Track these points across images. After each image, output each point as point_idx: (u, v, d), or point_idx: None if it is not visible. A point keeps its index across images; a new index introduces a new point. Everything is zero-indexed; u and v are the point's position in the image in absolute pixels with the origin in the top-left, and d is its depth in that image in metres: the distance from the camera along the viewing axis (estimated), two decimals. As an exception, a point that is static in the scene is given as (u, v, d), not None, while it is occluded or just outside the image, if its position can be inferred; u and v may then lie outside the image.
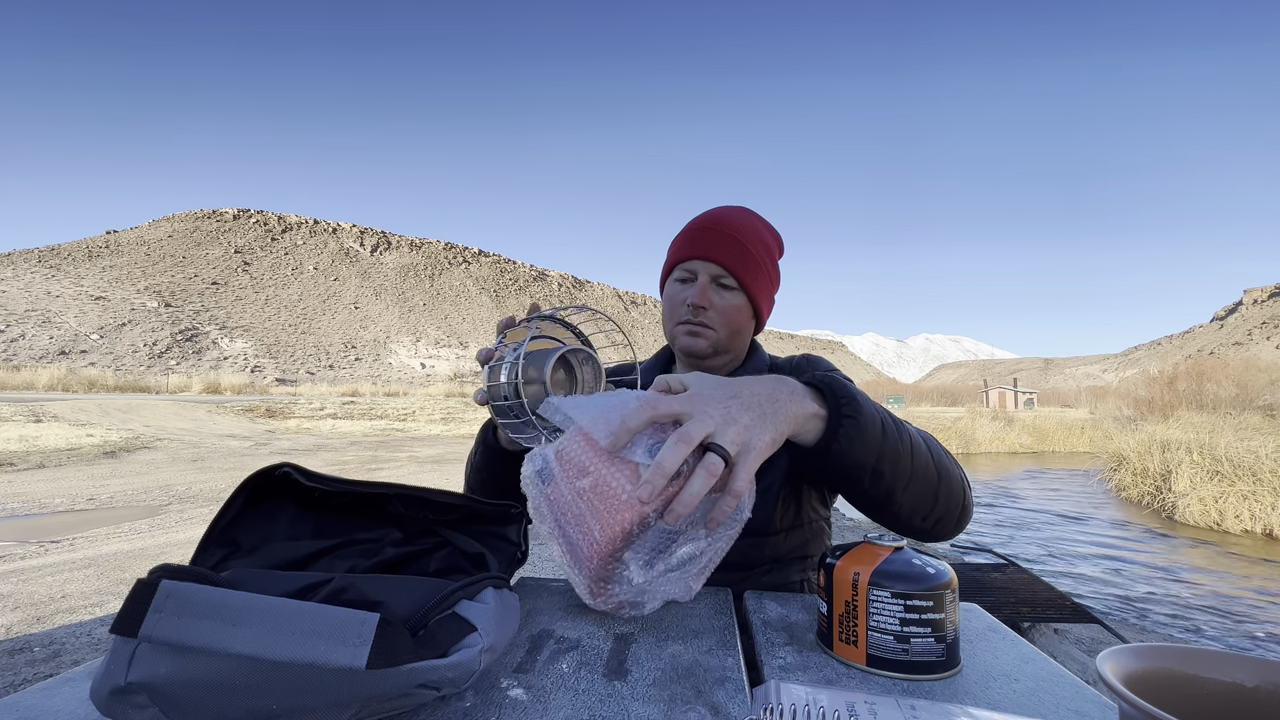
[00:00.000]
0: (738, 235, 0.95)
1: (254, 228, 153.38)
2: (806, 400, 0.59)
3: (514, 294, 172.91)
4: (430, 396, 41.63)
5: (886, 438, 0.62)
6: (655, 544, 0.55)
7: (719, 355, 0.99)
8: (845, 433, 0.59)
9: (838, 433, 0.59)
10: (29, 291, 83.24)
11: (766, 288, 0.99)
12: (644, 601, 0.60)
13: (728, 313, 0.95)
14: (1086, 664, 2.89)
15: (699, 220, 0.99)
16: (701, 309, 0.94)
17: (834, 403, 0.60)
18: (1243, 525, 6.71)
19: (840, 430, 0.59)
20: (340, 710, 0.40)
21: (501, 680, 0.51)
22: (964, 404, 52.07)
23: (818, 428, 0.60)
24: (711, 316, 0.95)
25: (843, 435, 0.59)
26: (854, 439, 0.59)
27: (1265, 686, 0.37)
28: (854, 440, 0.59)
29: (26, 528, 5.13)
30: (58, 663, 2.63)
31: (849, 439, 0.59)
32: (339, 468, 9.74)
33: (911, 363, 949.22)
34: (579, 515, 0.54)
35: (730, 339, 0.97)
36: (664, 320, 1.02)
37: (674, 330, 0.98)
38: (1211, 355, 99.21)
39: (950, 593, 0.53)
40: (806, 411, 0.59)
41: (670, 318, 0.99)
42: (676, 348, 1.00)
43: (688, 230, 0.99)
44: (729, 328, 0.96)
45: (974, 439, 17.82)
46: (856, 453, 0.60)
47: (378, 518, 0.63)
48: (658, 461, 0.49)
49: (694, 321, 0.95)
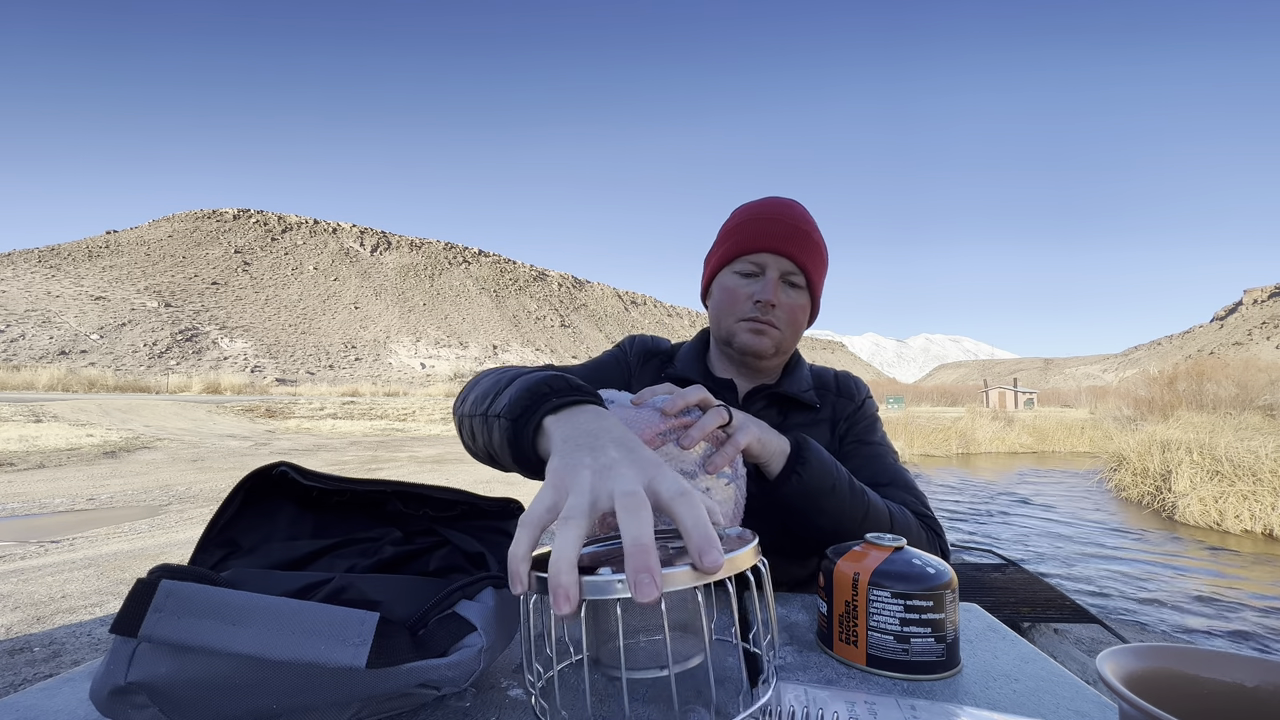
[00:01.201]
0: (807, 230, 0.90)
1: (254, 228, 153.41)
2: (782, 440, 0.75)
3: (514, 294, 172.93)
4: (430, 396, 41.65)
5: (833, 497, 0.74)
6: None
7: (778, 356, 0.94)
8: (791, 485, 0.73)
9: (789, 478, 0.72)
10: (29, 291, 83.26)
11: (822, 287, 0.96)
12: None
13: (793, 312, 0.91)
14: (1086, 664, 2.89)
15: (766, 209, 0.92)
16: (771, 307, 0.89)
17: (795, 454, 0.74)
18: (1243, 525, 6.71)
19: (791, 477, 0.73)
20: (340, 710, 0.40)
21: (501, 680, 0.51)
22: (964, 404, 52.10)
23: (778, 466, 0.73)
24: (779, 315, 0.90)
25: (793, 481, 0.73)
26: (798, 490, 0.73)
27: (1265, 686, 0.37)
28: (799, 491, 0.73)
29: (26, 528, 5.13)
30: (58, 663, 2.63)
31: (794, 488, 0.73)
32: (339, 468, 9.74)
33: (911, 363, 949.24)
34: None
35: (792, 340, 0.93)
36: (718, 313, 0.94)
37: (734, 326, 0.91)
38: (1211, 355, 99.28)
39: (950, 593, 0.53)
40: (779, 448, 0.74)
41: (730, 312, 0.91)
42: (734, 344, 0.92)
43: (754, 220, 0.91)
44: (793, 328, 0.92)
45: (974, 439, 17.82)
46: (802, 501, 0.73)
47: (377, 517, 0.63)
48: (682, 391, 0.65)
49: (761, 319, 0.89)
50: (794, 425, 0.94)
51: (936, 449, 16.71)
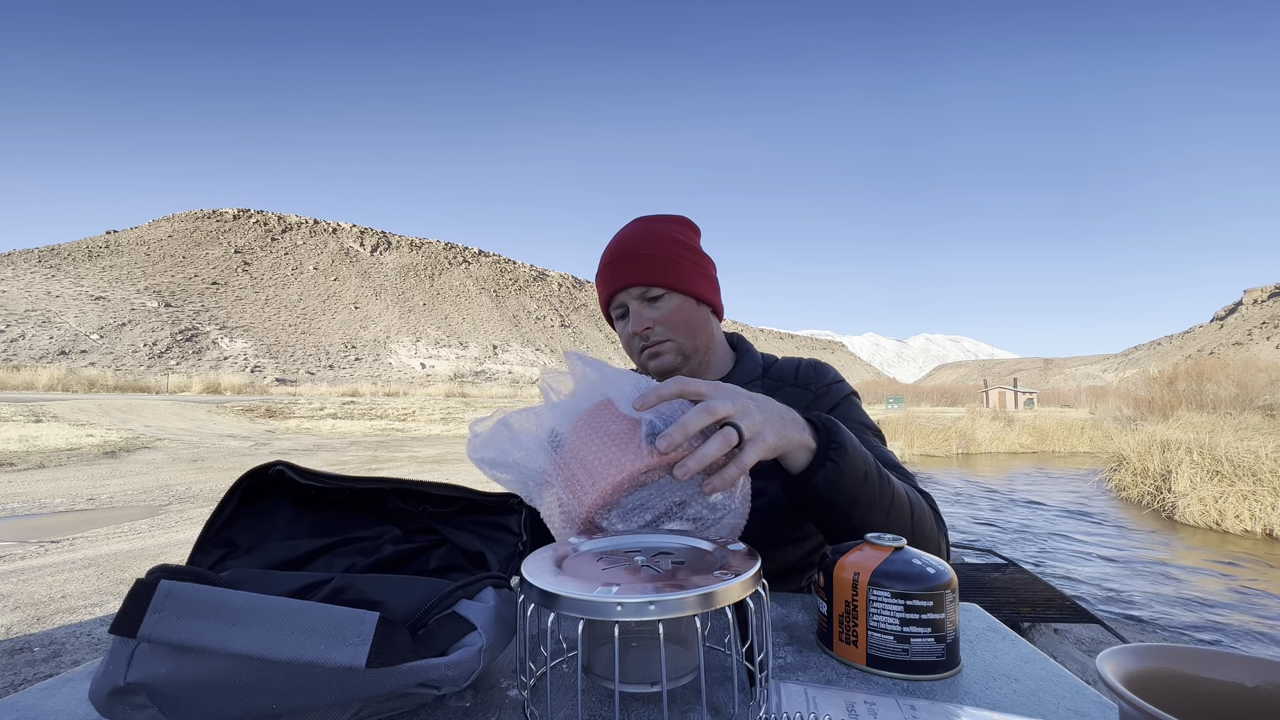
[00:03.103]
0: (638, 250, 0.95)
1: (254, 228, 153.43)
2: (804, 431, 0.65)
3: (514, 294, 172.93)
4: (430, 396, 41.65)
5: (865, 487, 0.67)
6: (644, 506, 0.58)
7: (690, 359, 0.97)
8: (825, 473, 0.65)
9: (819, 470, 0.65)
10: (29, 291, 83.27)
11: (697, 276, 0.97)
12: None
13: (670, 317, 0.95)
14: (1086, 664, 2.89)
15: (605, 257, 0.99)
16: (648, 330, 0.94)
17: (824, 442, 0.66)
18: (1243, 525, 6.71)
19: (822, 469, 0.65)
20: (340, 710, 0.40)
21: (501, 680, 0.51)
22: (964, 404, 52.10)
23: (804, 459, 0.65)
24: (659, 331, 0.95)
25: (823, 474, 0.65)
26: (833, 480, 0.65)
27: (1265, 686, 0.37)
28: (832, 481, 0.65)
29: (26, 528, 5.13)
30: (58, 663, 2.63)
31: (828, 479, 0.65)
32: (339, 468, 9.74)
33: (911, 363, 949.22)
34: (585, 460, 0.56)
35: (689, 338, 0.96)
36: (631, 358, 1.02)
37: (641, 362, 0.99)
38: (1211, 355, 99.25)
39: (950, 593, 0.53)
40: (801, 440, 0.64)
41: (633, 355, 1.00)
42: (651, 374, 0.98)
43: (602, 267, 0.99)
44: (681, 329, 0.95)
45: (974, 439, 17.82)
46: (832, 493, 0.66)
47: (376, 515, 0.62)
48: (682, 421, 0.54)
49: (649, 345, 0.95)
50: None
51: (936, 449, 16.72)
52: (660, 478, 0.57)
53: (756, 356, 1.05)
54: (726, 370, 1.03)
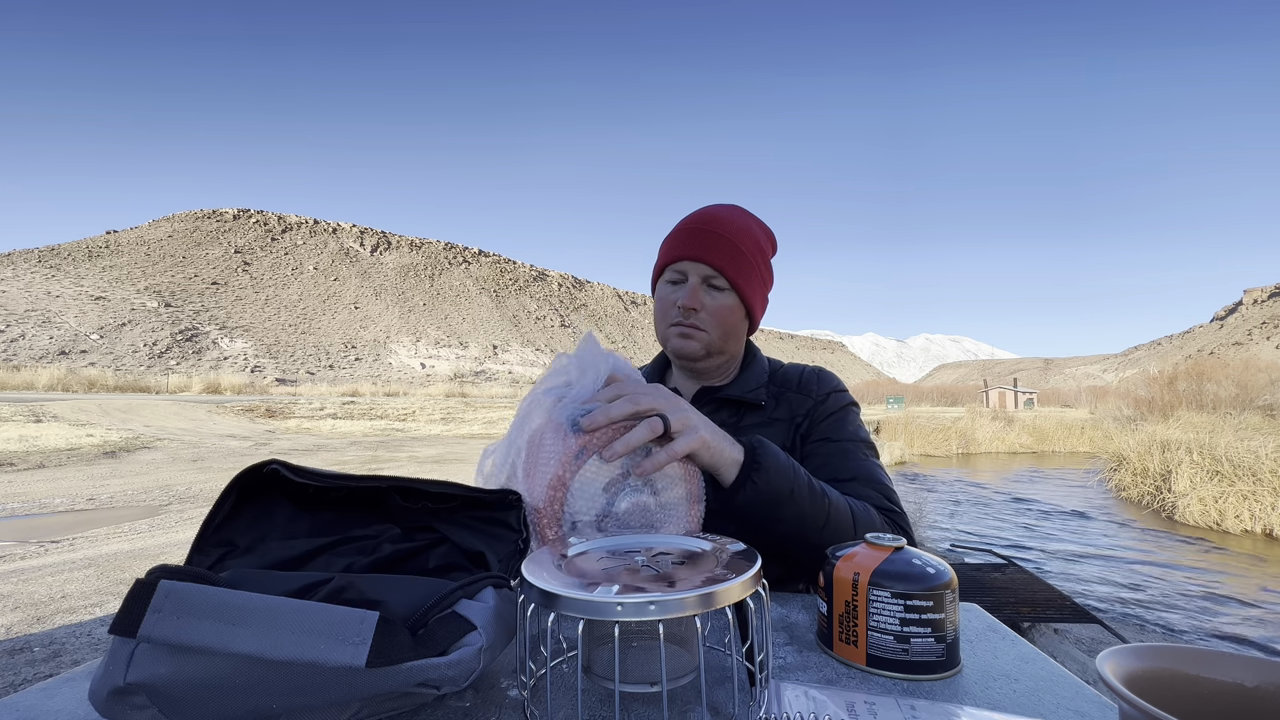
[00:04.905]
0: (729, 235, 0.94)
1: (254, 228, 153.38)
2: (736, 448, 0.72)
3: (514, 294, 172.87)
4: (430, 396, 41.64)
5: (790, 507, 0.72)
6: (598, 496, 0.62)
7: (712, 357, 0.97)
8: (745, 494, 0.70)
9: (739, 490, 0.70)
10: (29, 291, 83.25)
11: (759, 288, 0.98)
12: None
13: (719, 314, 0.94)
14: (1086, 664, 2.89)
15: (690, 220, 0.97)
16: (693, 310, 0.93)
17: (749, 461, 0.71)
18: (1243, 525, 6.71)
19: (741, 490, 0.70)
20: (340, 709, 0.40)
21: (501, 680, 0.51)
22: (964, 404, 52.08)
23: (732, 474, 0.71)
24: (703, 318, 0.94)
25: (742, 495, 0.70)
26: (752, 500, 0.70)
27: (1265, 686, 0.37)
28: (751, 501, 0.70)
29: (26, 528, 5.13)
30: (58, 663, 2.63)
31: (747, 499, 0.70)
32: (339, 468, 9.72)
33: (911, 363, 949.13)
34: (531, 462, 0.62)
35: (723, 340, 0.96)
36: (656, 322, 1.01)
37: (666, 332, 0.97)
38: (1211, 355, 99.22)
39: (950, 593, 0.53)
40: (733, 455, 0.71)
41: (662, 320, 0.98)
42: (669, 350, 0.98)
43: (678, 230, 0.97)
44: (721, 329, 0.95)
45: (974, 439, 17.83)
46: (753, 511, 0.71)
47: (375, 514, 0.62)
48: (606, 407, 0.61)
49: (685, 324, 0.94)
50: (748, 426, 0.95)
51: (936, 449, 16.72)
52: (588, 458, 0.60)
53: (764, 361, 1.05)
54: (735, 373, 1.03)
